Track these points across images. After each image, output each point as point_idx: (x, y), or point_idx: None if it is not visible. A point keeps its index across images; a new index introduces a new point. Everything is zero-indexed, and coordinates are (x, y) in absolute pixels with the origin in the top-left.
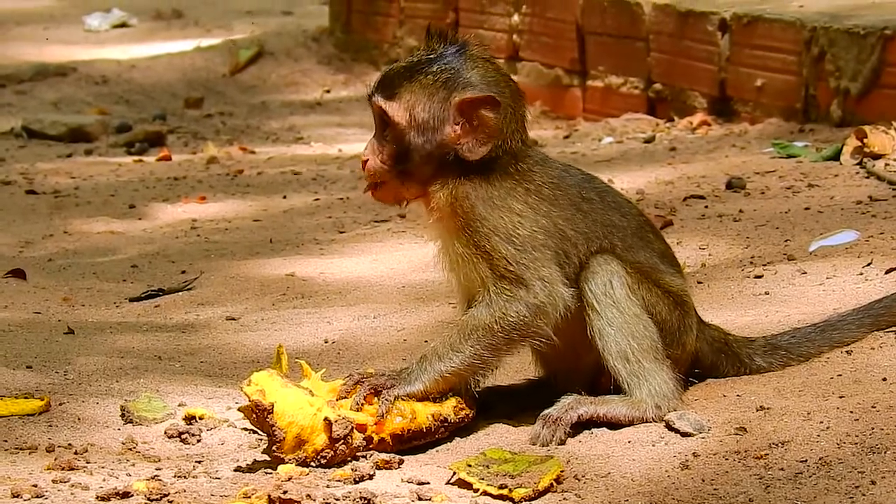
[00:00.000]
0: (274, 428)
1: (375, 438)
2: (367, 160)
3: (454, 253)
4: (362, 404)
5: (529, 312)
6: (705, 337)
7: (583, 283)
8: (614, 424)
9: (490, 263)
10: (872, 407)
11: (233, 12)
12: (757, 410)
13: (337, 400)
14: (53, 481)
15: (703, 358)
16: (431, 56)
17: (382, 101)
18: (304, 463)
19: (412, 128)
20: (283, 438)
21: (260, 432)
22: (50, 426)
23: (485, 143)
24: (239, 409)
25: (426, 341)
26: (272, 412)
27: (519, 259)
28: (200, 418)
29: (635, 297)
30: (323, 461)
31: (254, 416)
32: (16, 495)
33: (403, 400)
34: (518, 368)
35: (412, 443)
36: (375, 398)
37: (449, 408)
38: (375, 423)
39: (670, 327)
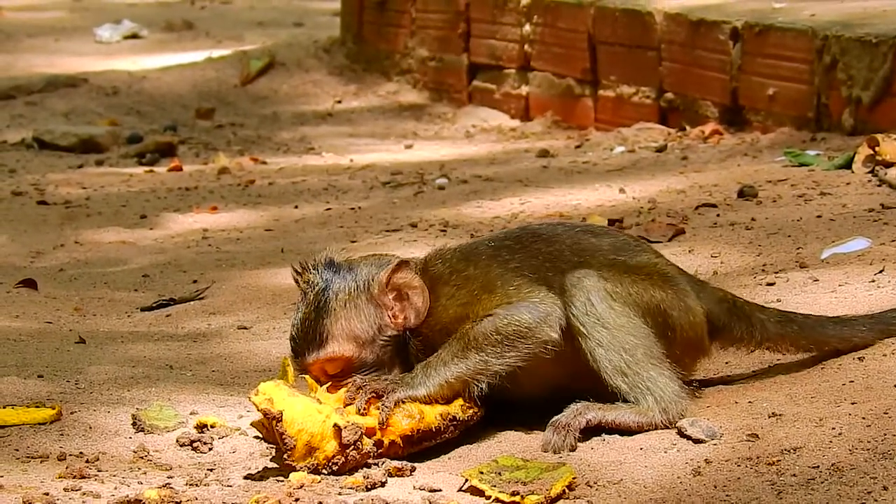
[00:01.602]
0: (284, 436)
1: (386, 442)
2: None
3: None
4: (366, 409)
5: (533, 317)
6: (709, 296)
7: (565, 309)
8: (624, 430)
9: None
10: (885, 413)
11: (244, 23)
12: (769, 417)
13: (344, 406)
14: (65, 489)
15: (714, 320)
16: (319, 284)
17: (318, 355)
18: (315, 470)
19: (363, 349)
20: (294, 446)
21: (275, 446)
22: (61, 435)
23: (421, 301)
24: (251, 425)
25: None
26: (281, 420)
27: (501, 295)
28: (212, 427)
29: (619, 304)
30: (334, 468)
31: (265, 429)
32: (28, 503)
33: (406, 403)
34: None
35: (423, 444)
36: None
37: (457, 406)
38: (381, 425)
39: (671, 301)
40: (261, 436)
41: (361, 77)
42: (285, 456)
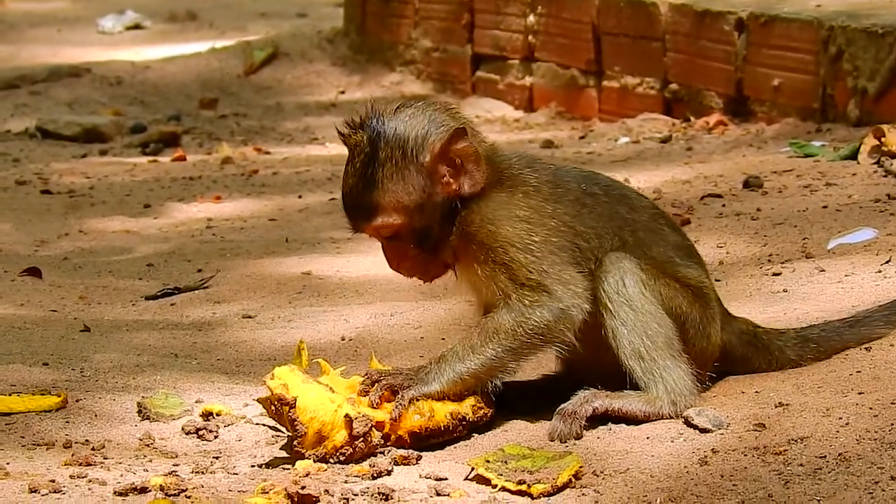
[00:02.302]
0: (296, 423)
1: (393, 437)
2: (402, 272)
3: (476, 276)
4: (379, 403)
5: (553, 317)
6: (732, 329)
7: (596, 282)
8: (630, 419)
9: (510, 274)
10: (892, 403)
11: (247, 14)
12: (776, 407)
13: (357, 396)
14: (71, 477)
15: (732, 350)
16: (366, 148)
17: (371, 223)
18: (323, 459)
19: (412, 215)
20: (305, 434)
21: (278, 425)
22: (67, 422)
23: (477, 170)
24: (257, 400)
25: (443, 339)
26: (295, 406)
27: (538, 266)
28: (217, 415)
29: (649, 293)
30: (342, 458)
31: (273, 408)
32: (33, 490)
33: (420, 400)
34: (535, 365)
35: (430, 441)
36: (393, 395)
37: (468, 406)
38: (393, 422)
39: (693, 319)
40: (265, 420)
41: (365, 68)
42: (295, 443)
